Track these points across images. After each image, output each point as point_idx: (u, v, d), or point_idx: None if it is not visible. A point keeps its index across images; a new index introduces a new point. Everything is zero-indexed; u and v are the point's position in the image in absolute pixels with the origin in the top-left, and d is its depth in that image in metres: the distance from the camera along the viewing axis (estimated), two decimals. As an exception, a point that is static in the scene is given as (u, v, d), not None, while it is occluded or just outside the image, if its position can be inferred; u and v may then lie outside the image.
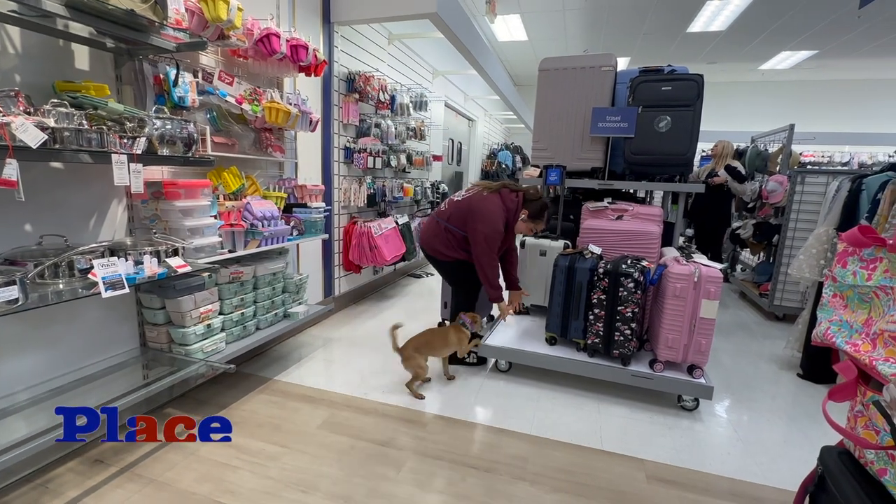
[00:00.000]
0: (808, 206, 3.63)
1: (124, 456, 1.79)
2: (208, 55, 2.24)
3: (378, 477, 1.74)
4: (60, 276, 1.47)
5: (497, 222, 2.46)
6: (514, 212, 2.54)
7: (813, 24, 6.04)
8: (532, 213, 2.55)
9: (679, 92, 2.60)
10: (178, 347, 2.01)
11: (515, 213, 2.54)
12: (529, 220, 2.56)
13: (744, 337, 3.53)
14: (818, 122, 8.77)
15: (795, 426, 2.25)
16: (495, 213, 2.47)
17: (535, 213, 2.55)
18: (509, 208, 2.53)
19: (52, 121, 1.35)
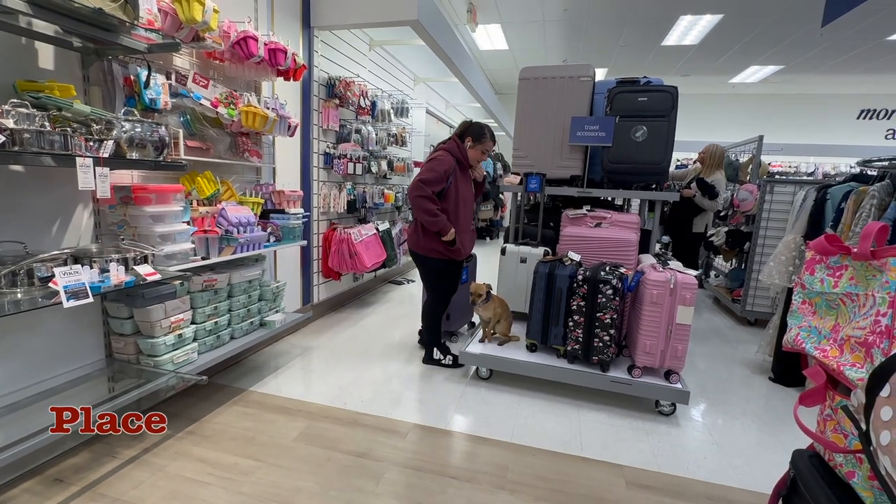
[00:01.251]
0: (777, 214, 3.76)
1: (86, 474, 1.70)
2: (182, 57, 2.19)
3: (355, 490, 1.70)
4: (19, 285, 1.40)
5: (435, 166, 2.55)
6: (459, 148, 2.63)
7: (779, 40, 6.31)
8: (473, 136, 2.62)
9: (654, 103, 2.66)
10: (147, 358, 1.93)
11: (460, 148, 2.63)
12: (475, 143, 2.63)
13: (718, 342, 3.61)
14: (785, 133, 9.16)
15: (768, 429, 2.31)
16: (435, 159, 2.59)
17: (475, 135, 2.62)
18: (451, 149, 2.62)
19: (11, 122, 1.29)
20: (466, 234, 2.72)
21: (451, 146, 2.65)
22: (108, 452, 1.84)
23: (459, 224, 2.63)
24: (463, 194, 2.66)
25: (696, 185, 3.86)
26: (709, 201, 3.83)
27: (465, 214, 2.69)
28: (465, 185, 2.68)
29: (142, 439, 1.94)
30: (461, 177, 2.65)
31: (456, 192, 2.60)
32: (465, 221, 2.69)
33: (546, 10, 5.65)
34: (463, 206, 2.66)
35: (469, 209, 2.73)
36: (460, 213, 2.64)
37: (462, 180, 2.66)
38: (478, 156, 2.68)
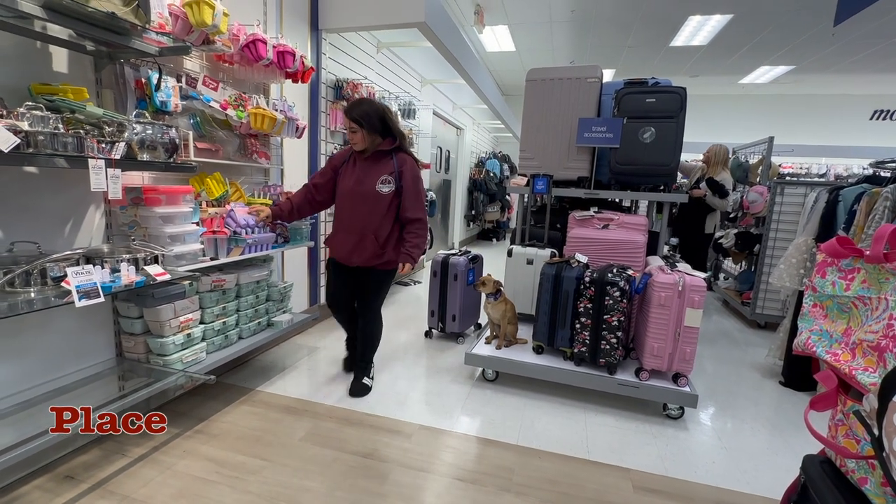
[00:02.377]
0: (788, 216, 3.71)
1: (96, 472, 1.72)
2: (193, 60, 2.21)
3: (361, 490, 1.70)
4: (32, 284, 1.42)
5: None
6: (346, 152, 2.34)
7: (790, 40, 6.24)
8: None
9: (663, 104, 2.65)
10: (157, 358, 1.95)
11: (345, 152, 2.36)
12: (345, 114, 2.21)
13: (727, 345, 3.57)
14: (796, 134, 9.04)
15: (778, 434, 2.28)
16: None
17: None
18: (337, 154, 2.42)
19: (26, 124, 1.31)
20: (342, 235, 2.33)
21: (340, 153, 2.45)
22: (117, 450, 1.86)
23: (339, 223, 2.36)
24: (343, 188, 2.31)
25: (705, 184, 3.84)
26: (720, 200, 3.82)
27: (347, 213, 2.32)
28: (349, 178, 2.29)
29: (151, 437, 1.96)
30: (351, 168, 2.31)
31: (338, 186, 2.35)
32: (345, 221, 2.32)
33: (553, 11, 5.63)
34: (344, 203, 2.32)
35: (353, 207, 2.29)
36: (340, 209, 2.36)
37: (350, 172, 2.30)
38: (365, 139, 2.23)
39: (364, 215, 2.26)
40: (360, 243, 2.27)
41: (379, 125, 2.21)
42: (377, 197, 2.24)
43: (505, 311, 2.68)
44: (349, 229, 2.29)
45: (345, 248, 2.31)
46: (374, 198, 2.24)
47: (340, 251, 2.34)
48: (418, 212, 2.30)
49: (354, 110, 2.16)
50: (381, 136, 2.25)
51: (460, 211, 8.34)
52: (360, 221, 2.27)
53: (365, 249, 2.27)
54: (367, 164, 2.27)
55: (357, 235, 2.27)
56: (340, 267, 2.42)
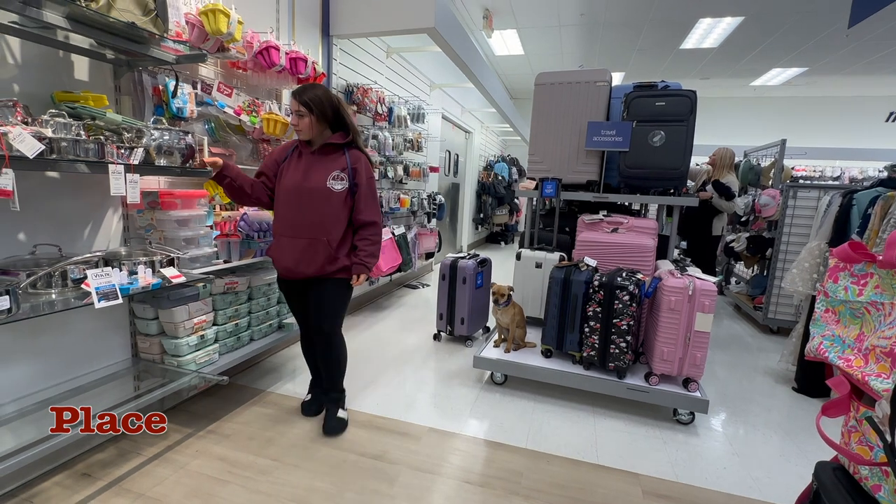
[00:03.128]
0: (801, 220, 3.67)
1: (112, 470, 1.76)
2: (208, 67, 2.26)
3: (371, 492, 1.72)
4: (53, 286, 1.46)
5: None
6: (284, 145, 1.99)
7: (802, 42, 6.18)
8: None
9: (673, 107, 2.64)
10: (171, 358, 1.99)
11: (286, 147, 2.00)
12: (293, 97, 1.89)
13: (738, 350, 3.53)
14: (809, 137, 8.92)
15: (791, 440, 2.25)
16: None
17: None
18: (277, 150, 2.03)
19: (49, 131, 1.35)
20: (286, 241, 1.95)
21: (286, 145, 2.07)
22: (133, 449, 1.90)
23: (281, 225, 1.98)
24: (286, 185, 1.95)
25: (711, 187, 3.82)
26: (726, 202, 3.78)
27: (292, 212, 1.94)
28: (293, 173, 1.95)
29: (165, 437, 1.99)
30: (296, 162, 1.97)
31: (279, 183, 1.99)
32: (289, 222, 1.95)
33: (562, 15, 5.64)
34: (289, 200, 1.94)
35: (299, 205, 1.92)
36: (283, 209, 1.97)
37: (294, 167, 1.96)
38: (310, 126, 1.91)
39: (313, 214, 1.91)
40: (309, 248, 1.92)
41: (331, 115, 1.91)
42: (328, 194, 1.90)
43: (514, 315, 2.69)
44: (295, 232, 1.92)
45: (291, 257, 1.93)
46: (324, 194, 1.90)
47: (286, 260, 1.95)
48: (374, 214, 2.00)
49: (305, 93, 1.87)
50: (332, 129, 1.96)
51: (469, 214, 8.35)
52: (307, 221, 1.91)
53: (316, 255, 1.92)
54: (314, 158, 1.94)
55: (305, 240, 1.91)
56: (291, 286, 2.06)
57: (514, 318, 2.69)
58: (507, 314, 2.69)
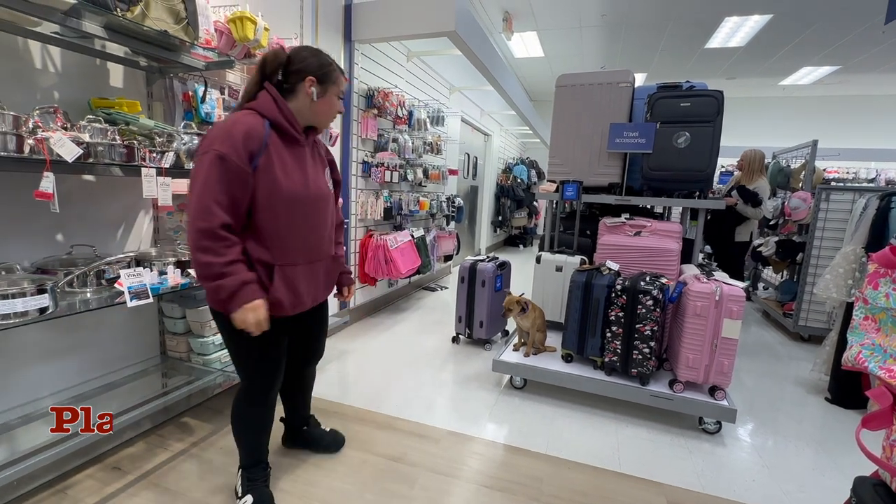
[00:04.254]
0: (834, 223, 3.53)
1: (141, 464, 1.81)
2: (235, 73, 2.32)
3: (390, 493, 1.72)
4: (88, 285, 1.52)
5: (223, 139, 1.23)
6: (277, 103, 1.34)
7: (835, 39, 5.96)
8: (315, 72, 1.37)
9: (698, 108, 2.58)
10: (197, 357, 2.04)
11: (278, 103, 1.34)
12: (322, 84, 1.39)
13: (767, 358, 3.41)
14: (843, 138, 8.59)
15: (824, 453, 2.16)
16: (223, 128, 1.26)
17: (317, 70, 1.37)
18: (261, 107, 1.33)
19: (87, 136, 1.41)
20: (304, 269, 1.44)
21: (261, 102, 1.33)
22: (160, 444, 1.95)
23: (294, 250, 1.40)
24: (289, 192, 1.35)
25: (736, 192, 3.69)
26: (752, 209, 3.64)
27: (308, 231, 1.43)
28: (292, 175, 1.36)
29: (191, 433, 2.04)
30: (289, 156, 1.36)
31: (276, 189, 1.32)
32: (308, 244, 1.44)
33: (583, 16, 5.59)
34: (301, 216, 1.39)
35: (317, 220, 1.46)
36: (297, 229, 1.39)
37: (292, 163, 1.37)
38: (330, 108, 1.45)
39: (323, 228, 1.49)
40: (328, 271, 1.58)
41: None
42: (329, 199, 1.52)
43: (534, 319, 2.66)
44: (312, 256, 1.46)
45: (311, 288, 1.49)
46: (328, 200, 1.51)
47: (303, 294, 1.45)
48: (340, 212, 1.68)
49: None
50: None
51: (487, 217, 8.33)
52: (320, 237, 1.49)
53: (331, 276, 1.62)
54: (305, 151, 1.44)
55: (322, 261, 1.53)
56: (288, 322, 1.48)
57: (534, 321, 2.66)
58: (528, 318, 2.66)
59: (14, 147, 1.23)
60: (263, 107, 1.33)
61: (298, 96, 1.39)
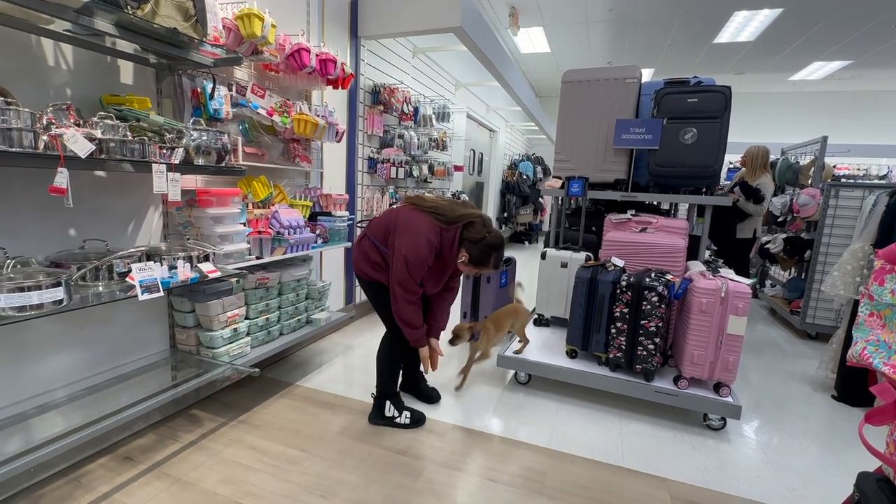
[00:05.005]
0: (843, 220, 3.50)
1: (152, 454, 1.85)
2: (242, 69, 2.34)
3: (395, 486, 1.75)
4: (101, 279, 1.55)
5: (422, 247, 1.87)
6: (451, 246, 1.95)
7: (847, 34, 5.87)
8: (473, 257, 1.93)
9: (706, 104, 2.56)
10: (206, 350, 2.08)
11: (452, 247, 1.95)
12: (471, 264, 1.96)
13: (774, 355, 3.40)
14: (853, 133, 8.48)
15: (829, 450, 2.15)
16: (422, 234, 1.89)
17: (476, 258, 1.93)
18: (445, 237, 1.94)
19: (99, 132, 1.43)
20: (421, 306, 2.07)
21: (446, 235, 1.93)
22: (170, 436, 1.99)
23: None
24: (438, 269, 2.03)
25: (738, 189, 3.65)
26: (753, 206, 3.60)
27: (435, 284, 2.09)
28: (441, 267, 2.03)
29: (200, 425, 2.08)
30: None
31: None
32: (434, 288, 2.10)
33: (590, 11, 5.55)
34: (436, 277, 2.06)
35: (437, 287, 2.11)
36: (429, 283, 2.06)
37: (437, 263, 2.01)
38: (465, 271, 2.04)
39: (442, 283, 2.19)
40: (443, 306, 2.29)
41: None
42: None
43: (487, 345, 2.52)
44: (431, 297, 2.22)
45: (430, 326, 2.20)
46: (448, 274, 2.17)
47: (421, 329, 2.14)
48: None
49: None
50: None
51: (493, 213, 8.33)
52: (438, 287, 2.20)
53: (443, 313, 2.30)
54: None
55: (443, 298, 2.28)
56: None
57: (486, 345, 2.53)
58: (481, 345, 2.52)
59: (29, 143, 1.25)
60: (445, 234, 1.96)
61: (461, 254, 1.97)
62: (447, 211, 1.94)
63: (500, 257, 1.97)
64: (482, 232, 1.91)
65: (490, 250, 1.92)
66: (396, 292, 1.93)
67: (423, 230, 1.90)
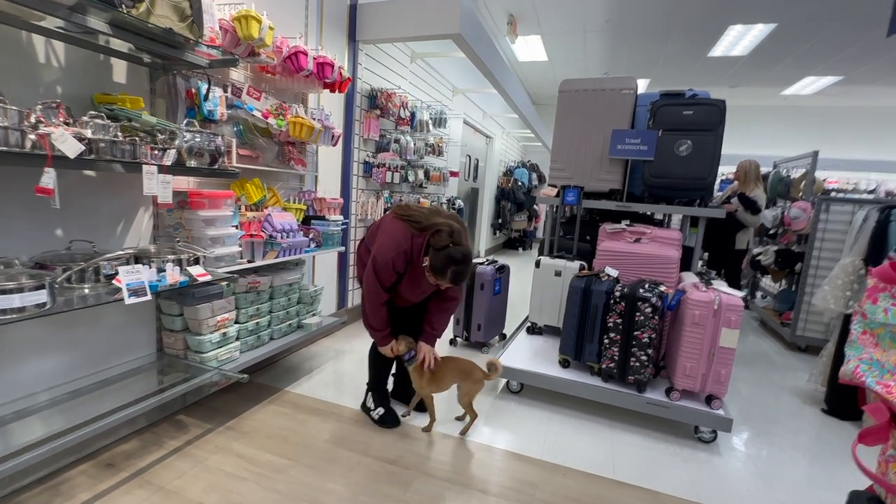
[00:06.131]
0: (833, 234, 3.54)
1: (135, 461, 1.80)
2: (238, 71, 2.32)
3: (384, 496, 1.72)
4: (87, 281, 1.51)
5: (389, 251, 1.90)
6: (419, 252, 1.93)
7: (838, 50, 5.97)
8: (433, 264, 1.88)
9: (701, 116, 2.58)
10: (194, 355, 2.04)
11: (420, 253, 1.92)
12: (430, 271, 1.91)
13: (764, 367, 3.41)
14: (843, 148, 8.61)
15: (820, 465, 2.16)
16: (393, 239, 1.92)
17: (436, 266, 1.86)
18: (415, 243, 1.92)
19: (89, 132, 1.41)
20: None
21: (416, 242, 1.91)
22: (155, 442, 1.94)
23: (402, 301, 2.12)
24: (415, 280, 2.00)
25: (737, 199, 3.72)
26: (751, 217, 3.68)
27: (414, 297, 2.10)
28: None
29: (186, 431, 2.04)
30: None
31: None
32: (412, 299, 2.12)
33: (587, 20, 5.60)
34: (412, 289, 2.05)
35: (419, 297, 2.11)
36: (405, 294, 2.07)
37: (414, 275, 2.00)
38: (430, 280, 1.95)
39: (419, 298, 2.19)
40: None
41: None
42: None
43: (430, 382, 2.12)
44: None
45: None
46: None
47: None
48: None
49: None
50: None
51: (487, 219, 8.33)
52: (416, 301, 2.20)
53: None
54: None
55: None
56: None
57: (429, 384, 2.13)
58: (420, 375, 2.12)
59: (16, 142, 1.22)
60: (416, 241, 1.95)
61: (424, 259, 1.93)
62: (421, 218, 1.94)
63: (459, 273, 1.86)
64: (446, 241, 1.86)
65: (449, 262, 1.84)
66: (363, 291, 2.03)
67: (395, 235, 1.94)
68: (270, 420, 2.20)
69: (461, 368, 2.16)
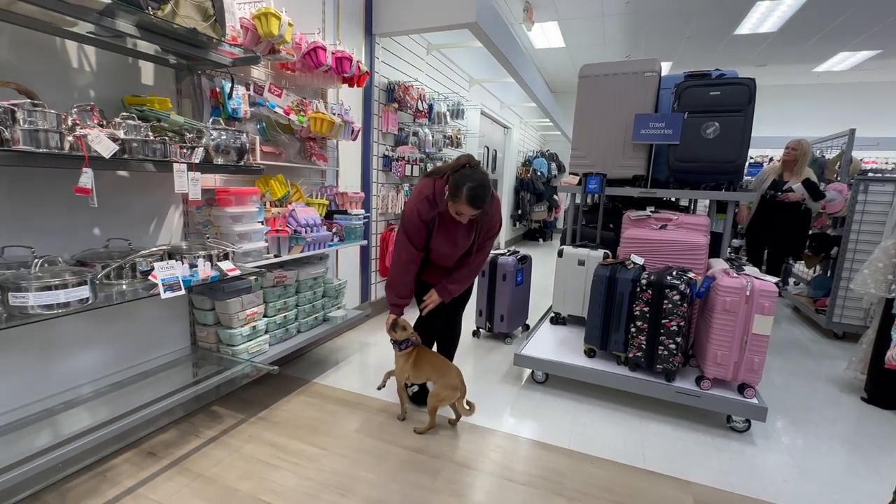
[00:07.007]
0: (872, 216, 3.38)
1: (174, 450, 1.88)
2: (259, 68, 2.35)
3: (413, 484, 1.74)
4: (124, 278, 1.57)
5: (414, 203, 1.95)
6: (442, 191, 1.91)
7: (875, 22, 5.66)
8: (450, 189, 1.85)
9: (728, 97, 2.49)
10: (226, 347, 2.10)
11: (442, 191, 1.91)
12: (450, 198, 1.87)
13: (799, 355, 3.30)
14: (882, 126, 8.17)
15: (860, 455, 2.08)
16: (417, 193, 1.97)
17: (452, 189, 1.84)
18: (437, 186, 1.94)
19: (122, 133, 1.45)
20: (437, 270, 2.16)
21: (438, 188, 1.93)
22: (192, 431, 2.02)
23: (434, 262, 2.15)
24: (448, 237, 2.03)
25: (804, 187, 3.46)
26: (814, 203, 3.51)
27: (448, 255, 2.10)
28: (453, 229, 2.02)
29: (220, 421, 2.11)
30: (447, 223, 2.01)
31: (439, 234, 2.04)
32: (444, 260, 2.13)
33: (606, 4, 5.45)
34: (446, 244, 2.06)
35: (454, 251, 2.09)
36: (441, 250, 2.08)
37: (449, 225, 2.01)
38: (452, 211, 1.92)
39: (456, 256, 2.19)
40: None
41: None
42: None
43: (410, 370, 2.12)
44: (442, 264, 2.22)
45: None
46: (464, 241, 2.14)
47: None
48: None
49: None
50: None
51: (507, 210, 8.27)
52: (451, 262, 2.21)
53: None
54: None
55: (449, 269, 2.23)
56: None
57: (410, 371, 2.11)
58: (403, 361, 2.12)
59: (56, 144, 1.27)
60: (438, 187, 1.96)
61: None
62: (444, 167, 1.97)
63: (475, 192, 1.81)
64: (464, 162, 1.89)
65: (464, 180, 1.81)
66: (394, 250, 2.09)
67: (419, 188, 2.01)
68: (300, 411, 2.25)
69: (441, 368, 2.12)
